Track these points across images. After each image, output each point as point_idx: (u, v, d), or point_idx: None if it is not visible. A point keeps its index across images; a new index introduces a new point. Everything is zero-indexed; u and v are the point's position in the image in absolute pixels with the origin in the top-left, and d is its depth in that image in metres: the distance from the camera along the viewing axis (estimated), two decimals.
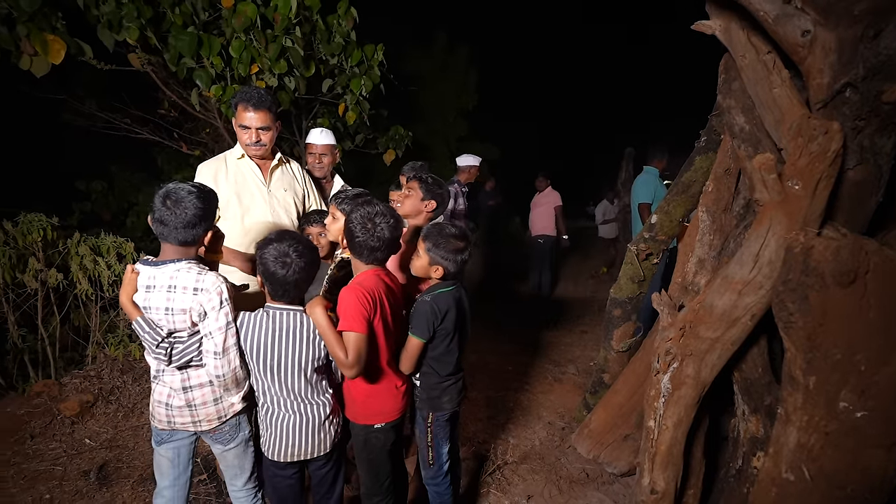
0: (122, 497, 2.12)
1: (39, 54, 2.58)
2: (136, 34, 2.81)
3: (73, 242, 2.87)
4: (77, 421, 2.55)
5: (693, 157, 2.41)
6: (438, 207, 2.08)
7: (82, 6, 2.66)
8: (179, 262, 1.38)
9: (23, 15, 2.47)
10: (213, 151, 3.81)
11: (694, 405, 1.76)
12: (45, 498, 2.09)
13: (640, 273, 2.60)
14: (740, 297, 1.59)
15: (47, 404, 2.56)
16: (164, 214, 1.34)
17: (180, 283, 1.37)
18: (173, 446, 1.54)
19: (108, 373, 2.83)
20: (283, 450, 1.52)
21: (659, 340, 1.86)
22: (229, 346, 1.42)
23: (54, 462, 2.29)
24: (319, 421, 1.53)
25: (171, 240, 1.38)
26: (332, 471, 1.65)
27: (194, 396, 1.46)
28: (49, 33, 2.57)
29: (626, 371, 2.53)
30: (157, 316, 1.39)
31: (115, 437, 2.50)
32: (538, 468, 2.39)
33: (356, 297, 1.47)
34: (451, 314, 1.73)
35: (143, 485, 2.19)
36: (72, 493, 2.13)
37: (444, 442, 1.85)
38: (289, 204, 2.15)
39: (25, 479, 2.18)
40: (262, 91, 2.02)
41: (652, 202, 3.87)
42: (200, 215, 1.37)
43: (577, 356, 3.77)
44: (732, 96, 1.87)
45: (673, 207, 2.49)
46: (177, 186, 1.38)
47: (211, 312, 1.38)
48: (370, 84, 3.48)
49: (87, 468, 2.26)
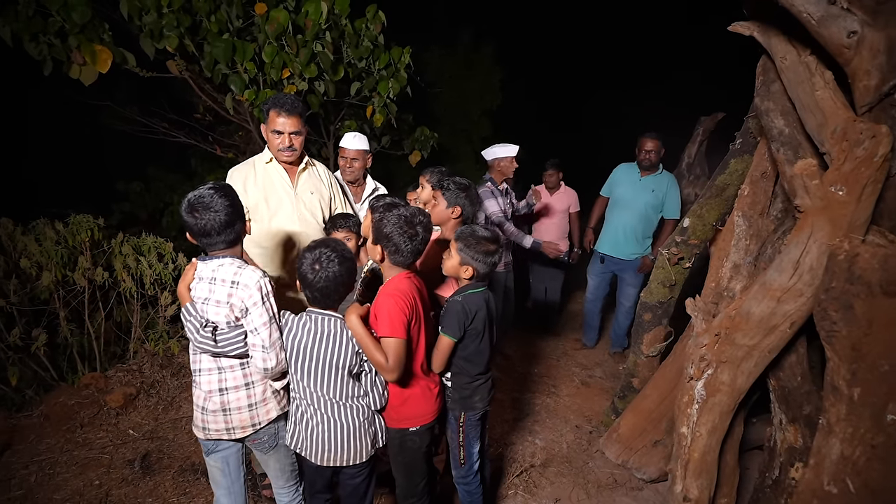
0: (164, 486, 2.23)
1: (88, 63, 2.72)
2: (175, 42, 2.92)
3: (116, 242, 3.01)
4: (121, 412, 2.68)
5: (727, 160, 2.36)
6: (465, 211, 2.10)
7: (126, 17, 2.79)
8: (225, 258, 1.45)
9: (74, 27, 2.61)
10: (245, 153, 3.93)
11: (729, 412, 1.74)
12: (94, 484, 2.22)
13: (671, 277, 2.56)
14: (779, 305, 1.56)
15: (94, 396, 2.70)
16: (202, 224, 1.36)
17: (220, 276, 1.43)
18: (221, 456, 1.57)
19: (148, 367, 2.97)
20: (318, 453, 1.52)
21: (692, 346, 1.85)
22: (275, 340, 1.46)
23: (102, 450, 2.43)
24: (355, 427, 1.53)
25: (219, 245, 1.44)
26: (364, 481, 1.62)
27: (229, 400, 1.49)
28: (97, 44, 2.72)
29: (656, 376, 2.50)
30: (199, 305, 1.46)
31: (156, 429, 2.62)
32: (565, 471, 2.40)
33: (395, 303, 1.49)
34: (481, 314, 1.75)
35: (182, 475, 2.29)
36: (118, 480, 2.25)
37: (476, 441, 1.88)
38: (315, 207, 2.18)
39: (77, 466, 2.32)
40: (294, 97, 2.07)
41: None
42: (232, 211, 1.41)
43: (603, 360, 3.73)
44: (771, 99, 1.83)
45: (706, 211, 2.44)
46: (198, 194, 1.38)
47: (253, 308, 1.42)
48: (397, 87, 3.52)
49: (132, 457, 2.38)
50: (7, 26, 2.50)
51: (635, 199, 3.38)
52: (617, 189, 3.51)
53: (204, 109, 4.00)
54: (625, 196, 3.44)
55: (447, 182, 2.12)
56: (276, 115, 2.00)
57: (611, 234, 3.49)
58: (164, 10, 2.83)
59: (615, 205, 3.51)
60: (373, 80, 3.55)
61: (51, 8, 2.55)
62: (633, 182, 3.43)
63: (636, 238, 3.41)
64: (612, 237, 3.47)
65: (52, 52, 2.63)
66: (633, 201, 3.39)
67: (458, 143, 6.19)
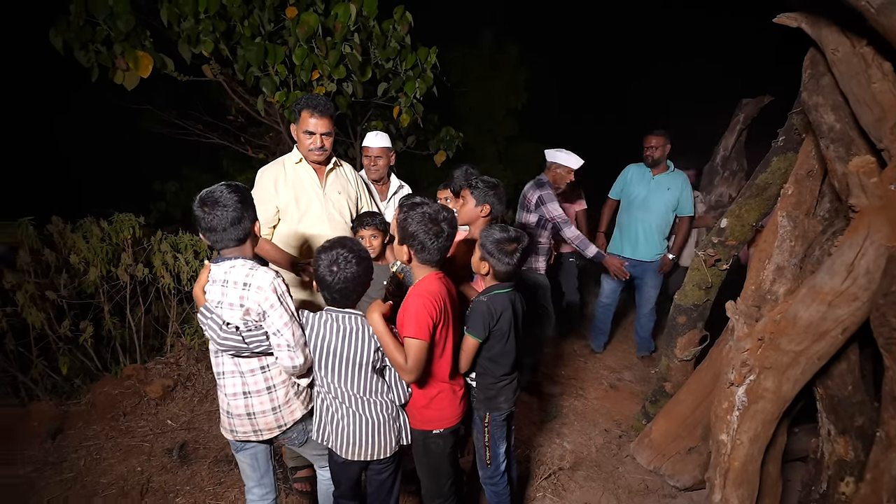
0: (201, 475, 2.31)
1: (131, 69, 2.84)
2: (210, 47, 3.02)
3: (155, 240, 3.14)
4: (160, 403, 2.79)
5: (769, 158, 2.26)
6: (494, 210, 2.09)
7: (166, 24, 2.90)
8: (236, 259, 1.44)
9: (119, 35, 2.73)
10: (275, 154, 4.02)
11: (773, 421, 1.67)
12: (136, 470, 2.32)
13: (707, 279, 2.48)
14: (830, 309, 1.49)
15: (136, 386, 2.82)
16: (210, 220, 1.36)
17: (232, 278, 1.42)
18: (250, 453, 1.59)
19: (185, 360, 3.08)
20: (346, 448, 1.53)
21: (733, 351, 1.78)
22: (299, 338, 1.45)
23: (143, 439, 2.53)
24: (381, 422, 1.54)
25: (227, 242, 1.42)
26: (389, 478, 1.63)
27: (253, 403, 1.49)
28: (139, 50, 2.83)
29: (690, 381, 2.42)
30: (213, 308, 1.46)
31: (192, 420, 2.72)
32: (595, 476, 2.35)
33: (423, 305, 1.48)
34: (507, 315, 1.74)
35: (217, 466, 2.37)
36: (158, 467, 2.35)
37: (501, 442, 1.87)
38: (342, 206, 2.21)
39: (121, 452, 2.43)
40: (325, 98, 2.09)
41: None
42: (241, 208, 1.39)
43: (633, 363, 3.64)
44: (820, 93, 1.74)
45: (745, 211, 2.35)
46: (210, 189, 1.39)
47: (270, 311, 1.40)
48: (424, 87, 3.53)
49: (170, 446, 2.48)
50: (59, 36, 2.63)
51: (652, 199, 3.31)
52: (631, 190, 3.43)
53: (236, 111, 4.12)
54: (640, 196, 3.36)
55: (475, 180, 2.10)
56: (309, 115, 2.03)
57: (630, 236, 3.39)
58: (201, 16, 2.93)
59: (630, 206, 3.42)
60: (399, 80, 3.57)
61: (98, 17, 2.68)
62: (647, 181, 3.36)
63: (657, 238, 3.35)
64: (632, 239, 3.38)
65: (98, 59, 2.76)
66: (651, 201, 3.31)
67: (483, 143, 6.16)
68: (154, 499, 2.15)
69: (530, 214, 3.01)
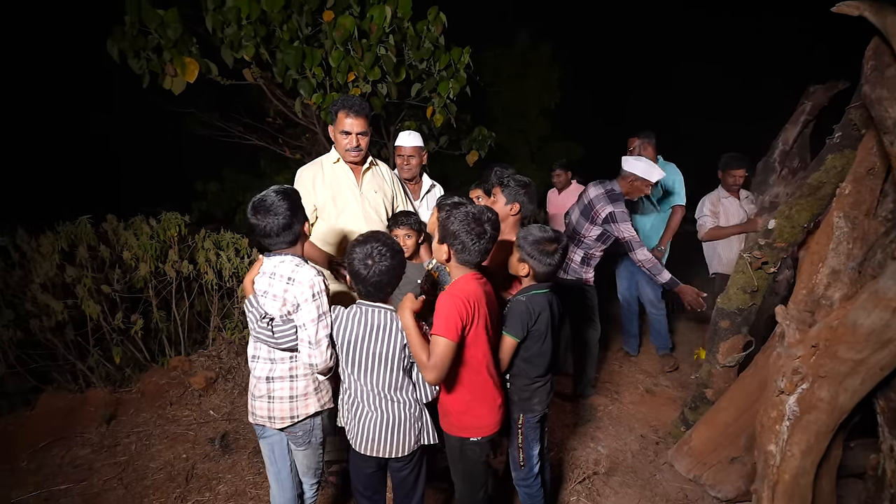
0: (241, 465, 2.40)
1: (178, 75, 2.99)
2: (251, 51, 3.13)
3: (199, 238, 3.29)
4: (203, 394, 2.92)
5: (823, 156, 2.14)
6: (524, 209, 2.06)
7: (211, 30, 3.03)
8: (286, 255, 1.53)
9: (168, 42, 2.88)
10: (311, 154, 4.13)
11: (827, 433, 1.58)
12: (182, 457, 2.44)
13: (752, 283, 2.37)
14: (894, 317, 1.39)
15: (181, 377, 2.97)
16: (263, 227, 1.47)
17: (279, 272, 1.51)
18: (267, 443, 1.65)
19: (225, 354, 3.21)
20: (362, 443, 1.55)
21: (784, 357, 1.70)
22: (321, 338, 1.49)
23: (188, 427, 2.66)
24: (401, 420, 1.53)
25: (279, 245, 1.53)
26: (412, 474, 1.63)
27: (273, 388, 1.56)
28: (186, 56, 2.97)
29: (733, 388, 2.33)
30: (259, 298, 1.55)
31: (233, 412, 2.83)
32: (631, 482, 2.29)
33: (454, 305, 1.45)
34: (544, 316, 1.71)
35: (256, 457, 2.45)
36: (202, 455, 2.46)
37: (535, 443, 1.85)
38: (379, 205, 2.24)
39: (168, 439, 2.56)
40: (361, 99, 2.14)
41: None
42: (291, 214, 1.48)
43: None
44: (885, 85, 1.63)
45: (796, 211, 2.23)
46: (262, 196, 1.48)
47: (304, 304, 1.46)
48: (457, 87, 3.54)
49: (212, 436, 2.59)
50: (115, 46, 2.80)
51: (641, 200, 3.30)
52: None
53: (274, 113, 4.25)
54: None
55: (507, 178, 2.08)
56: (345, 116, 2.07)
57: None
58: (244, 22, 3.04)
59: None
60: (433, 81, 3.59)
61: (150, 27, 2.83)
62: None
63: (653, 233, 3.41)
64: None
65: (150, 66, 2.92)
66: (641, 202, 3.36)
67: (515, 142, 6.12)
68: (198, 484, 2.26)
69: (594, 227, 2.76)
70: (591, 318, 2.96)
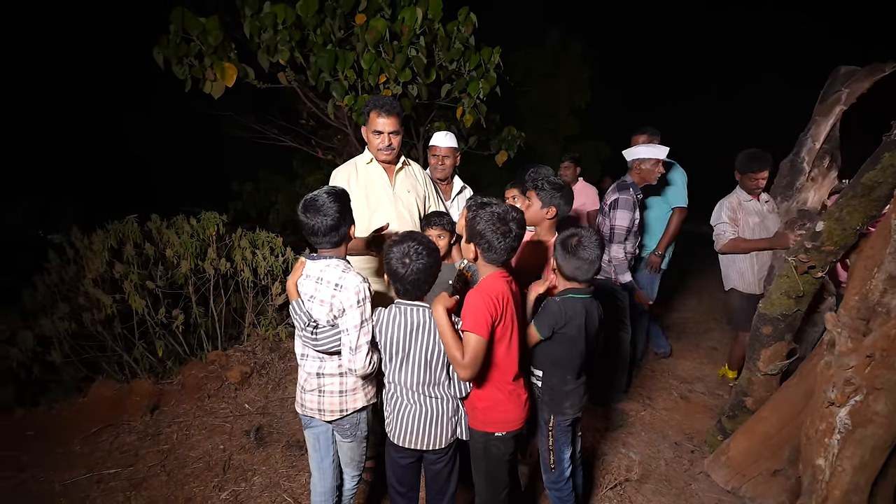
0: (275, 457, 2.47)
1: (218, 79, 3.10)
2: (287, 55, 3.21)
3: (236, 236, 3.41)
4: (238, 388, 3.03)
5: (879, 154, 2.00)
6: (560, 212, 2.04)
7: (248, 36, 3.13)
8: (331, 259, 1.56)
9: (209, 49, 2.99)
10: (343, 155, 4.21)
11: (884, 448, 1.48)
12: (219, 448, 2.53)
13: (798, 287, 2.25)
14: None
15: (218, 371, 3.08)
16: (311, 226, 1.50)
17: (326, 277, 1.53)
18: (313, 433, 1.71)
19: (260, 349, 3.31)
20: (401, 435, 1.59)
21: (835, 367, 1.60)
22: (361, 344, 1.51)
23: (224, 419, 2.76)
24: (438, 415, 1.58)
25: (325, 245, 1.56)
26: (446, 467, 1.67)
27: (324, 383, 1.61)
28: (226, 62, 3.08)
29: (776, 397, 2.22)
30: (305, 302, 1.57)
31: (267, 406, 2.91)
32: (664, 490, 2.22)
33: (483, 302, 1.48)
34: (577, 321, 1.69)
35: (290, 450, 2.52)
36: (238, 447, 2.54)
37: (566, 447, 1.82)
38: (411, 204, 2.26)
39: (206, 430, 2.67)
40: (392, 99, 2.15)
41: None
42: (339, 216, 1.51)
43: (705, 374, 3.39)
44: None
45: (847, 213, 2.10)
46: (314, 196, 1.51)
47: (349, 310, 1.49)
48: (487, 87, 3.53)
49: (248, 429, 2.68)
50: (161, 53, 2.93)
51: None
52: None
53: (308, 115, 4.35)
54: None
55: (542, 182, 2.06)
56: (377, 115, 2.09)
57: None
58: (279, 27, 3.13)
59: None
60: (463, 81, 3.59)
61: (192, 34, 2.95)
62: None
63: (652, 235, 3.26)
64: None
65: (192, 71, 3.05)
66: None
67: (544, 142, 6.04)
68: (235, 475, 2.34)
69: (606, 220, 2.75)
70: (621, 321, 2.89)
